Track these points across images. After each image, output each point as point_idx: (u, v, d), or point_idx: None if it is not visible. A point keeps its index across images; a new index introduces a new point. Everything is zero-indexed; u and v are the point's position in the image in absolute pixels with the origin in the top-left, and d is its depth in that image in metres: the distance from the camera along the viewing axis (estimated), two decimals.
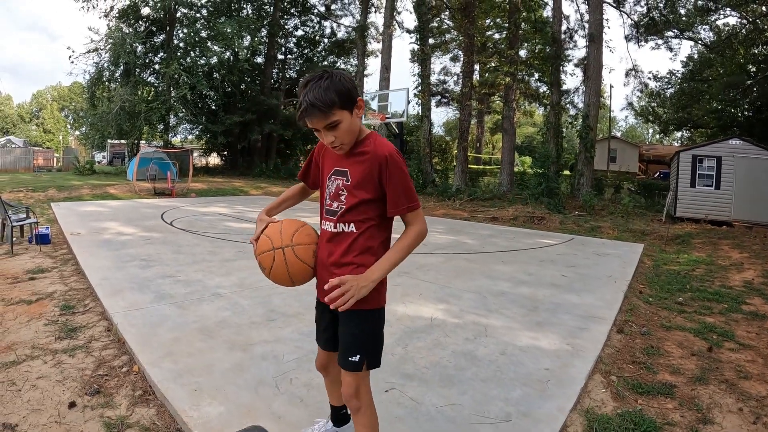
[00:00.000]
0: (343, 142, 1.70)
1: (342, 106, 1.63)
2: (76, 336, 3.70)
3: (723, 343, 4.09)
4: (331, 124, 1.64)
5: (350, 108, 1.67)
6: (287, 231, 1.86)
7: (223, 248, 7.39)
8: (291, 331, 3.81)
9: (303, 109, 1.62)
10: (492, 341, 3.78)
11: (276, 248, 1.82)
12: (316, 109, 1.59)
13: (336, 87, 1.62)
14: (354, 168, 1.75)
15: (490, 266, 6.88)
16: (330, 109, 1.61)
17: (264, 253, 1.84)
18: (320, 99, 1.59)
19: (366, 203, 1.75)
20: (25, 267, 5.99)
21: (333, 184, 1.81)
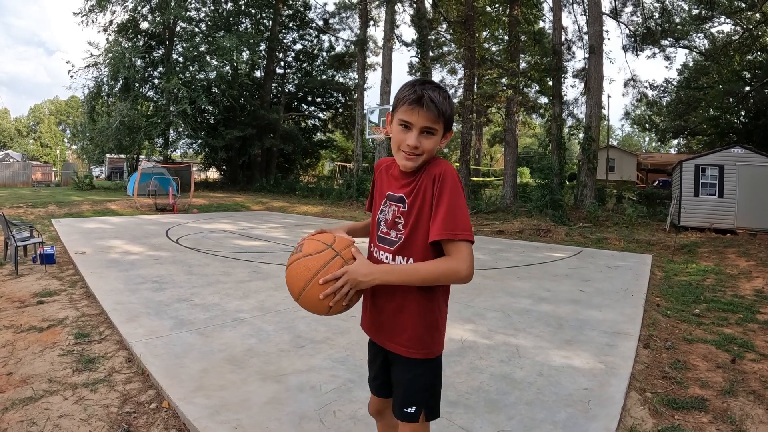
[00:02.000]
0: (424, 152, 1.55)
1: (446, 122, 1.57)
2: (96, 368, 3.52)
3: (744, 354, 4.15)
4: (430, 129, 1.54)
5: (446, 130, 1.59)
6: (342, 242, 1.60)
7: (236, 268, 7.29)
8: (323, 358, 3.71)
9: (419, 98, 1.50)
10: (527, 362, 3.74)
11: (331, 246, 1.56)
12: (433, 106, 1.51)
13: (451, 104, 1.59)
14: (410, 191, 1.59)
15: (508, 282, 6.83)
16: (440, 116, 1.53)
17: (314, 254, 1.54)
18: (439, 101, 1.52)
19: (426, 232, 1.54)
20: (32, 289, 5.85)
21: (389, 210, 1.65)
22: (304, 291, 1.51)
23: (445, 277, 1.48)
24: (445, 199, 1.50)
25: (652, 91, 29.66)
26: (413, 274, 1.50)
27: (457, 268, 1.46)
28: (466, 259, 1.47)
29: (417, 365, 1.60)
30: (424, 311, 1.58)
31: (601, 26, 18.50)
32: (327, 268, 1.50)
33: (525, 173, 39.77)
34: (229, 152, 29.49)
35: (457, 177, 1.54)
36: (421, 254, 1.55)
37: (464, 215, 1.50)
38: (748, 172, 13.87)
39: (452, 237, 1.47)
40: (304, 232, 12.62)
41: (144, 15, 26.58)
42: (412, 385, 1.61)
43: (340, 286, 1.50)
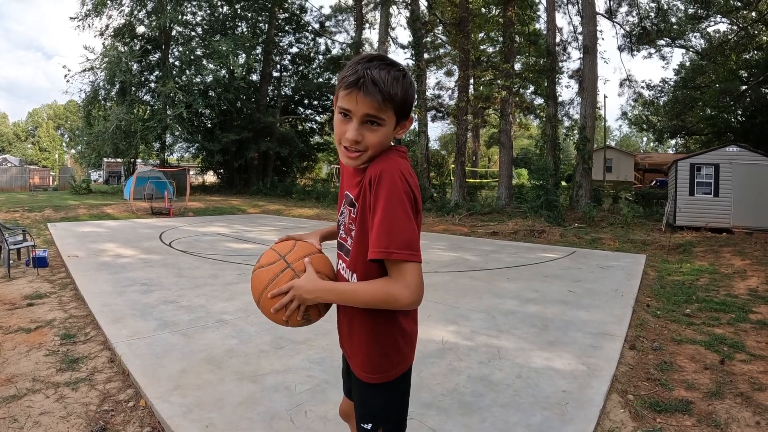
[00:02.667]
0: (367, 148, 1.30)
1: (397, 109, 1.29)
2: (79, 367, 3.59)
3: (734, 354, 4.10)
4: (374, 119, 1.27)
5: (401, 117, 1.33)
6: (299, 251, 1.45)
7: (225, 271, 7.29)
8: (301, 359, 3.71)
9: (358, 79, 1.23)
10: (507, 364, 3.72)
11: (283, 258, 1.43)
12: (375, 89, 1.23)
13: (405, 85, 1.29)
14: (358, 193, 1.35)
15: (496, 284, 6.81)
16: (386, 101, 1.25)
17: (266, 266, 1.44)
18: (385, 81, 1.24)
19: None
20: (23, 292, 5.88)
21: (345, 213, 1.44)
22: (259, 303, 1.44)
23: (383, 302, 1.26)
24: (379, 208, 1.23)
25: (648, 91, 29.76)
26: (353, 297, 1.32)
27: (396, 294, 1.23)
28: (408, 283, 1.22)
29: (371, 387, 1.43)
30: (376, 334, 1.39)
31: (596, 26, 18.57)
32: (276, 281, 1.38)
33: (523, 174, 39.81)
34: (226, 156, 29.53)
35: (399, 177, 1.25)
36: (364, 271, 1.34)
37: (402, 228, 1.22)
38: (744, 171, 13.88)
39: (386, 256, 1.22)
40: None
41: (140, 19, 26.64)
42: (366, 406, 1.46)
43: (288, 302, 1.35)
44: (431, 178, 24.11)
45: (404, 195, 1.24)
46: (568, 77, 23.75)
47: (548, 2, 19.44)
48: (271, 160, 32.44)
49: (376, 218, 1.24)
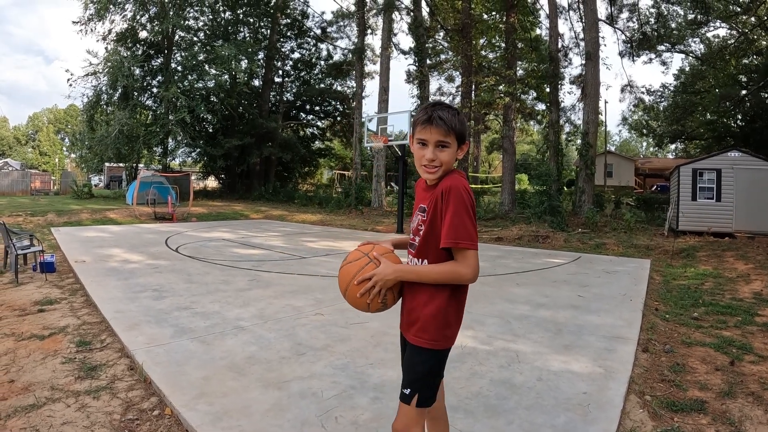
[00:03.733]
0: (441, 163, 1.78)
1: (457, 136, 1.77)
2: (98, 375, 3.54)
3: (743, 356, 4.18)
4: (443, 143, 1.76)
5: (460, 143, 1.80)
6: (377, 250, 1.89)
7: (236, 277, 7.30)
8: (324, 365, 3.72)
9: (430, 117, 1.75)
10: (526, 367, 3.76)
11: (366, 255, 1.87)
12: (442, 122, 1.73)
13: (460, 120, 1.79)
14: (429, 202, 1.81)
15: (506, 289, 6.84)
16: (450, 130, 1.74)
17: (352, 261, 1.86)
18: (448, 118, 1.75)
19: (438, 238, 1.77)
20: (32, 298, 5.87)
21: (416, 219, 1.89)
22: (346, 291, 1.83)
23: (450, 277, 1.73)
24: (450, 210, 1.69)
25: (648, 96, 29.85)
26: (427, 274, 1.75)
27: (461, 272, 1.71)
28: (469, 264, 1.71)
29: (420, 352, 1.79)
30: (432, 306, 1.77)
31: (598, 32, 18.65)
32: (362, 271, 1.79)
33: (523, 180, 39.88)
34: (228, 161, 29.56)
35: (463, 190, 1.71)
36: (434, 257, 1.78)
37: (466, 225, 1.69)
38: (746, 176, 13.93)
39: (454, 245, 1.69)
40: (303, 240, 12.66)
41: (143, 24, 26.71)
42: (412, 369, 1.81)
43: (372, 286, 1.77)
44: None
45: (467, 202, 1.72)
46: (570, 83, 23.82)
47: (550, 8, 19.54)
48: (273, 165, 32.48)
49: (446, 218, 1.70)
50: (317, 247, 11.53)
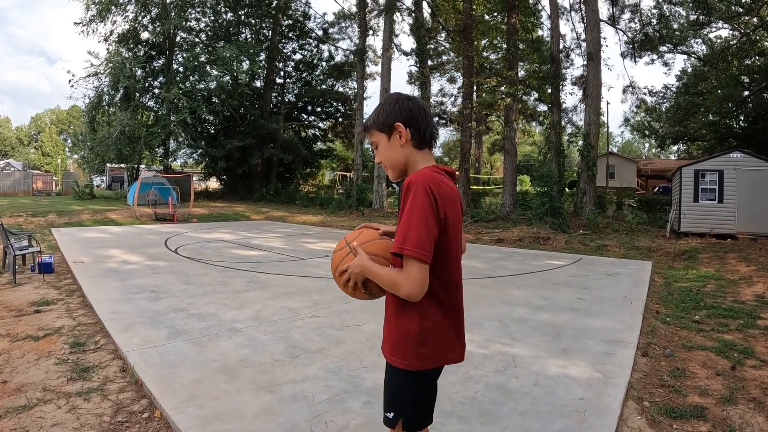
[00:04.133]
0: (385, 165, 1.69)
1: (379, 128, 1.65)
2: (90, 377, 3.54)
3: (745, 360, 4.13)
4: (373, 144, 1.70)
5: (387, 132, 1.64)
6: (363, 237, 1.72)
7: (233, 278, 7.27)
8: (317, 368, 3.68)
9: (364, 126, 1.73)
10: (522, 372, 3.70)
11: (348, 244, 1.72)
12: (364, 127, 1.71)
13: (381, 110, 1.66)
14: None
15: (505, 291, 6.80)
16: (368, 129, 1.69)
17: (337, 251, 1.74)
18: (367, 120, 1.70)
19: None
20: (30, 298, 5.86)
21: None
22: (335, 280, 1.72)
23: (390, 287, 1.51)
24: (405, 210, 1.49)
25: (651, 97, 29.79)
26: (377, 276, 1.55)
27: (399, 283, 1.47)
28: (408, 275, 1.45)
29: (396, 373, 1.62)
30: (398, 321, 1.60)
31: (599, 33, 18.58)
32: (342, 262, 1.67)
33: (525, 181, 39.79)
34: (229, 162, 29.55)
35: (423, 188, 1.48)
36: (395, 262, 1.58)
37: (417, 229, 1.45)
38: (748, 177, 13.84)
39: (398, 251, 1.47)
40: (303, 242, 12.63)
41: (144, 25, 26.75)
42: (389, 390, 1.66)
43: (348, 278, 1.61)
44: None
45: (423, 203, 1.47)
46: (572, 84, 23.76)
47: (552, 9, 19.50)
48: (275, 166, 32.47)
49: (402, 218, 1.50)
50: (317, 248, 11.49)
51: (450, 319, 1.62)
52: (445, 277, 1.59)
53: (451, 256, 1.59)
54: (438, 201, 1.49)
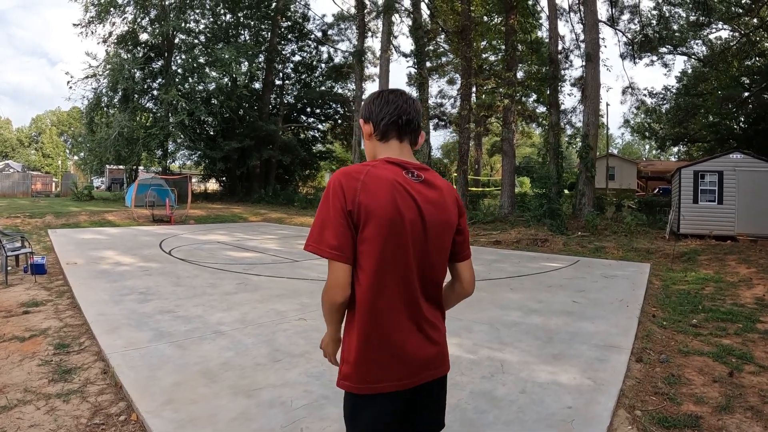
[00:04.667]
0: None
1: (363, 120, 1.59)
2: (71, 378, 3.53)
3: (743, 366, 4.04)
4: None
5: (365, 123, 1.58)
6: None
7: (224, 280, 7.21)
8: (298, 373, 3.61)
9: None
10: (510, 378, 3.61)
11: None
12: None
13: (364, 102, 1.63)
14: None
15: (499, 294, 6.71)
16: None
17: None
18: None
19: None
20: (19, 299, 5.84)
21: None
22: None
23: (323, 299, 1.44)
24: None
25: (650, 98, 29.70)
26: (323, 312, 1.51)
27: (324, 287, 1.42)
28: (329, 275, 1.40)
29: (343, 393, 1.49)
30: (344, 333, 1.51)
31: (598, 34, 18.53)
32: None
33: (525, 183, 39.71)
34: (228, 163, 29.51)
35: (331, 182, 1.41)
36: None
37: (317, 223, 1.40)
38: (748, 178, 13.75)
39: (305, 248, 1.42)
40: (298, 243, 12.54)
41: (143, 27, 26.75)
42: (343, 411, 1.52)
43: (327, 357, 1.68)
44: None
45: (327, 195, 1.40)
46: (571, 85, 23.71)
47: (550, 10, 19.44)
48: (273, 168, 32.42)
49: None
50: None
51: (381, 331, 1.41)
52: (366, 289, 1.39)
53: (375, 261, 1.37)
54: (346, 192, 1.37)
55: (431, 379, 1.49)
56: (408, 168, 1.48)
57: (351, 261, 1.38)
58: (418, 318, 1.45)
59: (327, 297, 1.40)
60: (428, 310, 1.49)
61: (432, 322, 1.49)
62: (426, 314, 1.47)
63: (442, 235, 1.49)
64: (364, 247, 1.37)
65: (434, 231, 1.46)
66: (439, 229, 1.47)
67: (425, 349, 1.47)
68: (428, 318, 1.48)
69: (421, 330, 1.46)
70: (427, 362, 1.47)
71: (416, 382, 1.45)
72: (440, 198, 1.49)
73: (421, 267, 1.45)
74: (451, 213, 1.51)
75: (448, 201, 1.51)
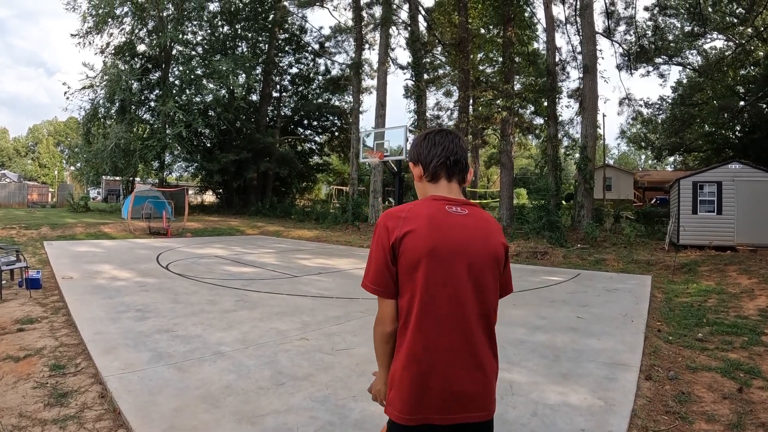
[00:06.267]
0: None
1: (410, 166, 1.67)
2: (67, 403, 3.40)
3: (751, 381, 4.01)
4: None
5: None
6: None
7: (223, 297, 7.09)
8: (303, 397, 3.50)
9: None
10: (520, 400, 3.52)
11: None
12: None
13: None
14: None
15: (502, 310, 6.51)
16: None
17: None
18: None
19: None
20: (14, 315, 5.71)
21: None
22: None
23: (374, 335, 1.56)
24: None
25: (647, 109, 29.81)
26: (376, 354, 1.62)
27: (375, 319, 1.55)
28: (379, 311, 1.52)
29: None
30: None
31: (595, 45, 18.61)
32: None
33: (522, 194, 39.73)
34: (225, 176, 29.42)
35: (379, 222, 1.50)
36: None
37: (369, 263, 1.51)
38: (747, 188, 13.73)
39: (365, 288, 1.53)
40: (297, 258, 12.44)
41: (141, 38, 26.77)
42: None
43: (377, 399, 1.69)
44: None
45: (374, 236, 1.51)
46: (568, 97, 23.73)
47: (547, 22, 19.55)
48: (270, 180, 32.33)
49: None
50: (310, 265, 11.31)
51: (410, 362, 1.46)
52: (412, 319, 1.45)
53: (416, 295, 1.44)
54: (389, 229, 1.47)
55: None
56: (452, 203, 1.53)
57: (394, 296, 1.49)
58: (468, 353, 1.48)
59: (376, 329, 1.53)
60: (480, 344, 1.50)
61: (480, 358, 1.49)
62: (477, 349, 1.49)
63: (488, 265, 1.51)
64: (405, 278, 1.46)
65: (479, 260, 1.48)
66: (484, 259, 1.49)
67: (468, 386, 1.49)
68: (478, 353, 1.48)
69: (469, 365, 1.47)
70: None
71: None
72: (484, 228, 1.53)
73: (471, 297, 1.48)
74: (495, 244, 1.53)
75: (492, 232, 1.54)
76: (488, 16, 22.55)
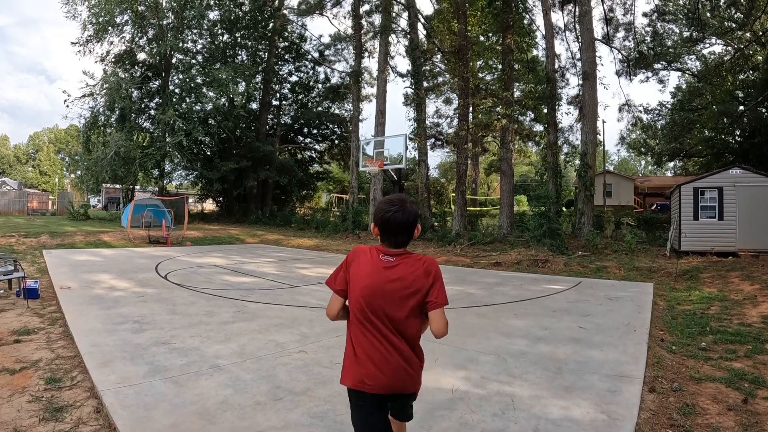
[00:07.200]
0: None
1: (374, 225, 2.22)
2: (63, 417, 3.35)
3: (756, 391, 3.95)
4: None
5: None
6: None
7: (221, 308, 7.02)
8: (301, 413, 3.43)
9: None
10: (522, 415, 3.45)
11: None
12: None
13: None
14: None
15: (503, 321, 6.56)
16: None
17: None
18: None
19: None
20: (11, 326, 5.66)
21: None
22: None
23: None
24: None
25: (646, 114, 29.81)
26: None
27: None
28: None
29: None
30: None
31: (594, 52, 18.63)
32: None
33: (522, 201, 39.67)
34: (225, 184, 29.42)
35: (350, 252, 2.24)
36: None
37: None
38: (748, 193, 13.68)
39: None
40: (296, 267, 12.37)
41: (141, 46, 26.87)
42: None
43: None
44: (431, 207, 23.93)
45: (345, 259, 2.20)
46: (568, 103, 23.75)
47: (546, 29, 19.58)
48: (270, 188, 32.31)
49: None
50: (310, 274, 11.24)
51: (351, 344, 2.16)
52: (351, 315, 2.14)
53: (352, 303, 2.11)
54: (347, 260, 2.17)
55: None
56: (387, 254, 2.09)
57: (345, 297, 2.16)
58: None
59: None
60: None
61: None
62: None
63: (399, 299, 2.05)
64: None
65: (359, 288, 2.08)
66: (396, 295, 2.04)
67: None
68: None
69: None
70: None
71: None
72: (400, 277, 2.05)
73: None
74: (410, 280, 2.05)
75: (408, 279, 2.05)
76: (487, 23, 22.60)
